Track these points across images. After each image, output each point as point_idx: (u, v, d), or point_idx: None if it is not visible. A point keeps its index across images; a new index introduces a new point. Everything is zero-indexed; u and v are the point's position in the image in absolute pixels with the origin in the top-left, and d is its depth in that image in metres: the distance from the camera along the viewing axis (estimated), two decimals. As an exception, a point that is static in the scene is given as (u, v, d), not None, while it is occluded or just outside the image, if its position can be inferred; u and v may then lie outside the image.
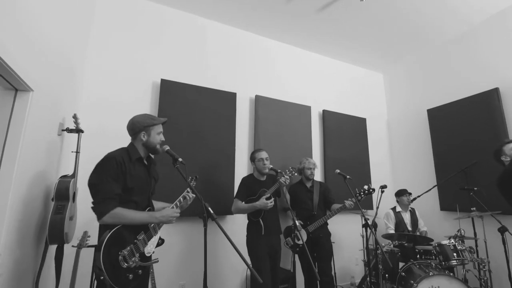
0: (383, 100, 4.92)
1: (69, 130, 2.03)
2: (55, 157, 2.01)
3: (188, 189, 1.80)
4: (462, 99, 3.63)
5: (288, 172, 2.54)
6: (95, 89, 2.70)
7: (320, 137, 4.04)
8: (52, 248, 1.94)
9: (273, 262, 2.41)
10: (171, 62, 3.15)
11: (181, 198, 1.77)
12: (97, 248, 1.38)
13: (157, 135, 1.68)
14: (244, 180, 2.61)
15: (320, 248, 2.83)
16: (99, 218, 1.43)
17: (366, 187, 2.73)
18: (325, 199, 3.03)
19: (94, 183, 1.47)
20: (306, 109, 3.90)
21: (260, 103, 3.51)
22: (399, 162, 4.54)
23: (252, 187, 2.53)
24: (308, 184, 3.06)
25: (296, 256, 2.87)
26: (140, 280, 1.54)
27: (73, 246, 1.94)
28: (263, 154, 2.58)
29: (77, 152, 2.00)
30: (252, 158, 2.64)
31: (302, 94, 4.00)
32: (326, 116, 4.06)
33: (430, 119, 4.01)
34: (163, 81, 2.95)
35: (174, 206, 1.73)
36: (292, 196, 3.05)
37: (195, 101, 3.09)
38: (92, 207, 1.46)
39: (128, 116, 2.66)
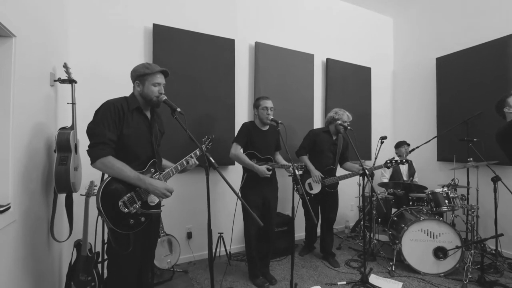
0: (391, 48, 4.64)
1: (62, 81, 1.94)
2: (51, 109, 1.97)
3: (192, 155, 1.78)
4: (474, 46, 3.42)
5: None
6: (84, 36, 2.52)
7: (322, 87, 3.93)
8: (62, 197, 2.02)
9: (266, 211, 2.50)
10: (162, 4, 2.88)
11: (183, 161, 1.75)
12: (97, 192, 1.43)
13: (152, 86, 1.59)
14: (246, 125, 2.54)
15: (329, 198, 2.95)
16: (91, 162, 1.46)
17: (397, 159, 2.70)
18: (342, 154, 3.02)
19: (90, 127, 1.49)
20: (309, 57, 3.71)
21: (260, 51, 3.32)
22: (401, 113, 4.49)
23: (253, 135, 2.50)
24: (334, 137, 2.96)
25: (296, 202, 3.01)
26: (148, 227, 1.61)
27: (81, 194, 2.03)
28: (268, 103, 2.46)
29: (73, 103, 1.94)
30: (256, 105, 2.53)
31: (305, 41, 3.76)
32: (330, 65, 3.88)
33: (438, 68, 3.84)
34: (155, 26, 2.74)
35: (178, 166, 1.72)
36: (314, 142, 2.93)
37: (191, 48, 2.91)
38: (87, 151, 1.48)
39: (120, 65, 2.54)
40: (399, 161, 2.64)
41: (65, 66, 1.89)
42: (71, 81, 1.93)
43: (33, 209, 1.62)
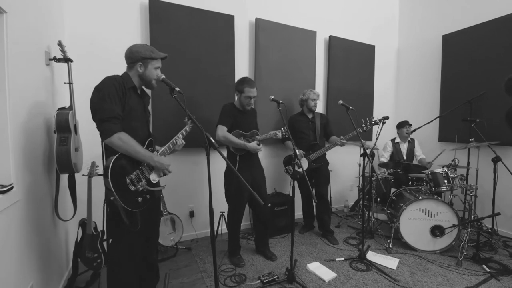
0: (396, 24, 4.47)
1: (57, 60, 1.90)
2: (48, 88, 1.94)
3: (179, 135, 1.79)
4: (483, 23, 3.28)
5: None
6: (78, 13, 2.43)
7: (324, 65, 3.83)
8: (65, 177, 2.04)
9: (257, 190, 2.45)
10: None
11: (170, 144, 1.74)
12: (104, 170, 1.41)
13: (154, 70, 1.62)
14: (229, 106, 2.47)
15: (319, 175, 3.01)
16: (106, 137, 1.42)
17: (372, 118, 2.72)
18: (325, 130, 3.10)
19: (95, 101, 1.45)
20: (311, 35, 3.59)
21: (261, 28, 3.21)
22: (404, 92, 4.42)
23: (236, 116, 2.45)
24: (310, 115, 3.07)
25: (295, 181, 3.06)
26: (151, 206, 1.65)
27: (83, 175, 2.05)
28: (253, 92, 2.39)
29: (70, 83, 1.91)
30: (240, 90, 2.41)
31: (308, 17, 3.62)
32: (333, 42, 3.76)
33: (444, 46, 3.72)
34: (151, 2, 2.63)
35: (171, 145, 1.72)
36: (292, 127, 3.06)
37: (189, 24, 2.81)
38: (97, 126, 1.45)
39: (116, 42, 2.47)
40: (373, 122, 2.73)
41: (59, 44, 1.83)
42: (66, 60, 1.89)
43: (36, 189, 1.64)
